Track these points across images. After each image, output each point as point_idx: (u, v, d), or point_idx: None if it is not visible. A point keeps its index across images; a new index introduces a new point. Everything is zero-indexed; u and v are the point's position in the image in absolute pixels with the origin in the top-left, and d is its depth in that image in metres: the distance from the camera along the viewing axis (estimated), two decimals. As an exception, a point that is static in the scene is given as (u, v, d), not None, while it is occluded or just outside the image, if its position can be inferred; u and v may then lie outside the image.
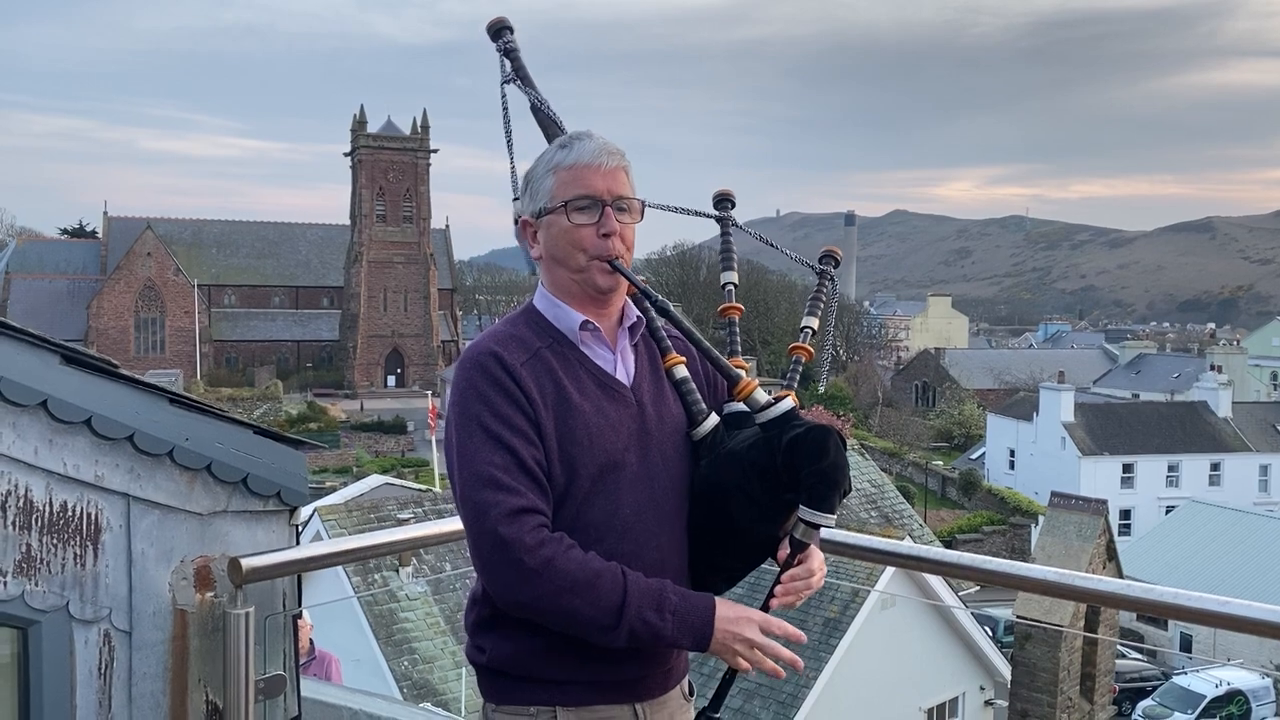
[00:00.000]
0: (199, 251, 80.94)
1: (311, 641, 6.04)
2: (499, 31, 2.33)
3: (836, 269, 2.32)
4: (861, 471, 22.52)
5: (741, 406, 2.02)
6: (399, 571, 14.93)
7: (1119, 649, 26.60)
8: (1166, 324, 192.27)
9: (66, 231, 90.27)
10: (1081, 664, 13.68)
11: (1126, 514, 44.84)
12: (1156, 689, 26.87)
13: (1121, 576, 13.54)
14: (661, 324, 2.11)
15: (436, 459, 29.72)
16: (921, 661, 15.98)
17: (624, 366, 2.00)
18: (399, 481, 24.53)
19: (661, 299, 2.01)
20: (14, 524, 2.11)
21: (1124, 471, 47.23)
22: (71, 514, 2.18)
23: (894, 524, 21.56)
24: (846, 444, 1.92)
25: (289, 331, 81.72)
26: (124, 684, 2.26)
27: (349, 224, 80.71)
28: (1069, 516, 14.03)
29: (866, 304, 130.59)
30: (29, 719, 2.15)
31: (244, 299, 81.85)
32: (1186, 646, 31.34)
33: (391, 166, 78.77)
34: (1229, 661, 27.33)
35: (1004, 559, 2.69)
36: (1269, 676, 26.27)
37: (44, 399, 2.11)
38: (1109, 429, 48.84)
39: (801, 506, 1.88)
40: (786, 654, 1.87)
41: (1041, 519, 21.38)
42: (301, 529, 2.60)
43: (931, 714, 16.36)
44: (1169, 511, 41.23)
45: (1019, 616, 13.46)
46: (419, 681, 13.85)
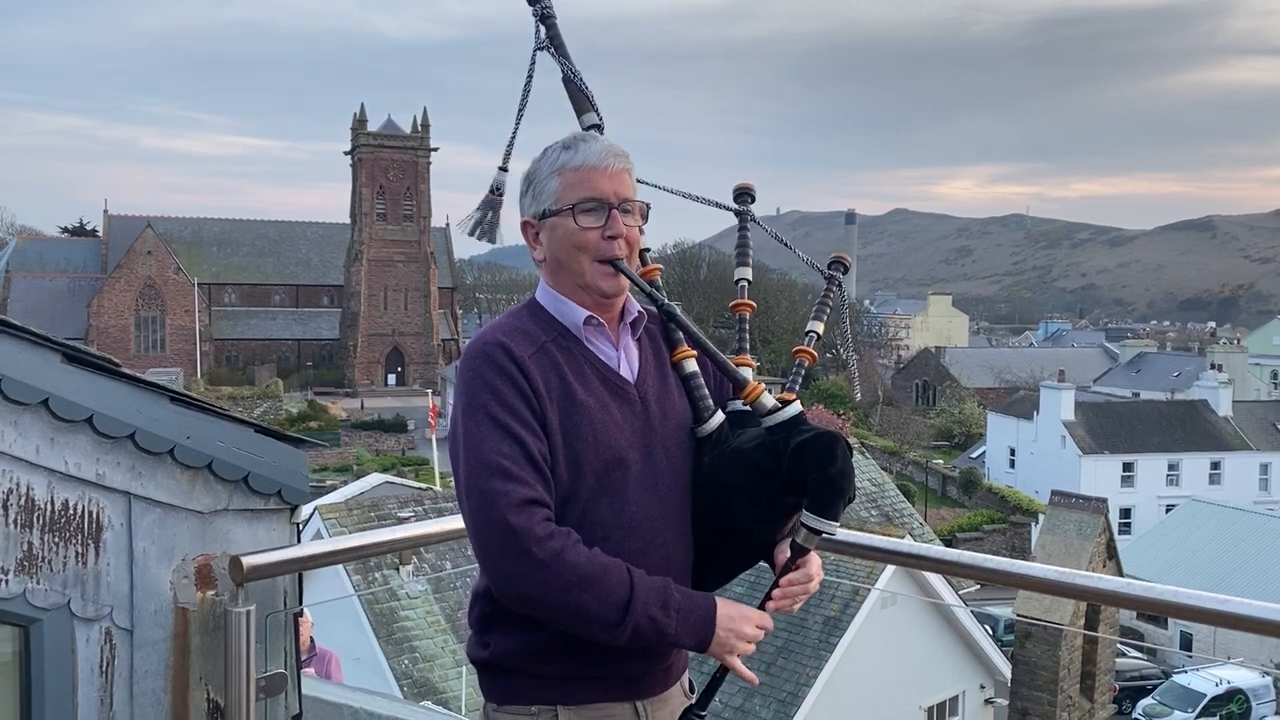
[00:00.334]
0: (199, 250, 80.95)
1: (312, 639, 6.05)
2: None
3: (845, 275, 2.29)
4: (862, 470, 22.51)
5: (744, 405, 2.00)
6: (399, 570, 14.94)
7: (1119, 647, 26.61)
8: (1167, 323, 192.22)
9: (67, 230, 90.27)
10: (1082, 662, 13.69)
11: (1127, 513, 44.83)
12: (1157, 687, 26.87)
13: (1121, 575, 13.55)
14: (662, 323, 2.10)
15: (437, 457, 29.70)
16: (922, 660, 15.98)
17: (628, 362, 1.99)
18: (399, 480, 24.51)
19: (667, 302, 1.98)
20: (15, 522, 2.11)
21: (1124, 470, 47.23)
22: (73, 512, 2.18)
23: (894, 522, 21.58)
24: (853, 451, 1.92)
25: (289, 330, 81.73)
26: (125, 682, 2.26)
27: (349, 222, 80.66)
28: (1069, 515, 14.04)
29: (867, 302, 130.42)
30: (31, 716, 2.16)
31: (244, 297, 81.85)
32: (1186, 645, 31.35)
33: (392, 165, 78.71)
34: (1229, 660, 27.32)
35: (1004, 557, 2.69)
36: (1269, 675, 26.26)
37: (45, 397, 2.11)
38: (1109, 428, 48.83)
39: (805, 512, 1.86)
40: (745, 674, 1.90)
41: (1042, 517, 21.38)
42: (302, 527, 2.60)
43: (932, 712, 16.36)
44: (1169, 510, 41.22)
45: (1019, 615, 13.47)
46: (419, 680, 13.86)
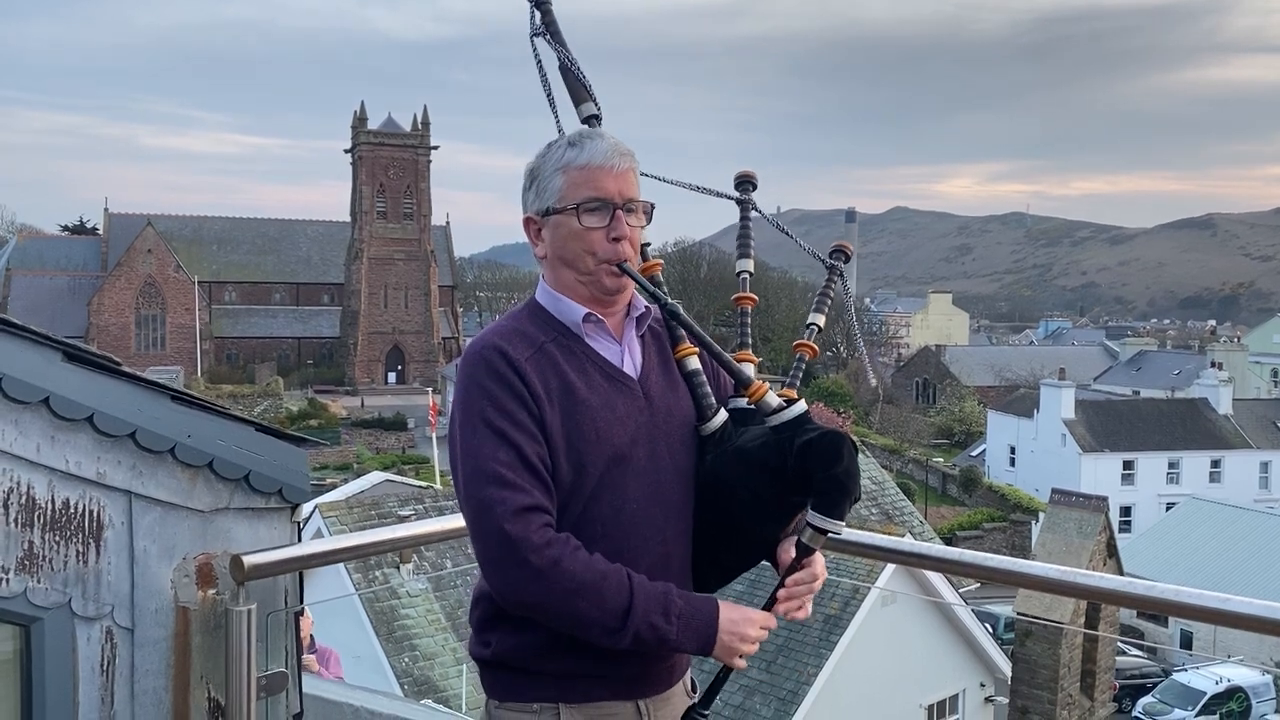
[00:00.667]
0: (199, 248, 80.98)
1: (312, 637, 6.06)
2: None
3: (847, 264, 2.27)
4: (862, 468, 22.29)
5: (746, 403, 1.99)
6: (400, 568, 14.96)
7: (1119, 646, 26.64)
8: (1167, 321, 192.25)
9: (67, 228, 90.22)
10: (1082, 661, 13.68)
11: (1127, 511, 44.85)
12: (1157, 686, 26.88)
13: (1122, 573, 13.55)
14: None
15: (437, 456, 29.72)
16: (922, 658, 15.99)
17: (631, 358, 1.97)
18: (400, 478, 24.48)
19: (671, 302, 1.97)
20: (16, 521, 2.11)
21: (1124, 468, 47.24)
22: (74, 511, 2.18)
23: (894, 521, 21.58)
24: (858, 450, 1.92)
25: (290, 328, 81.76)
26: (126, 681, 2.26)
27: (349, 220, 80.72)
28: (1069, 513, 14.02)
29: (867, 300, 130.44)
30: (31, 716, 2.16)
31: (244, 295, 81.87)
32: (1187, 643, 31.36)
33: (392, 163, 78.74)
34: (1229, 658, 27.32)
35: (1004, 556, 2.69)
36: (1269, 673, 26.27)
37: (46, 396, 2.11)
38: (1109, 426, 48.84)
39: (811, 511, 1.85)
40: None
41: (1042, 516, 21.38)
42: (303, 526, 2.60)
43: (932, 711, 16.36)
44: (1169, 508, 41.23)
45: (1019, 613, 13.47)
46: (420, 678, 13.87)
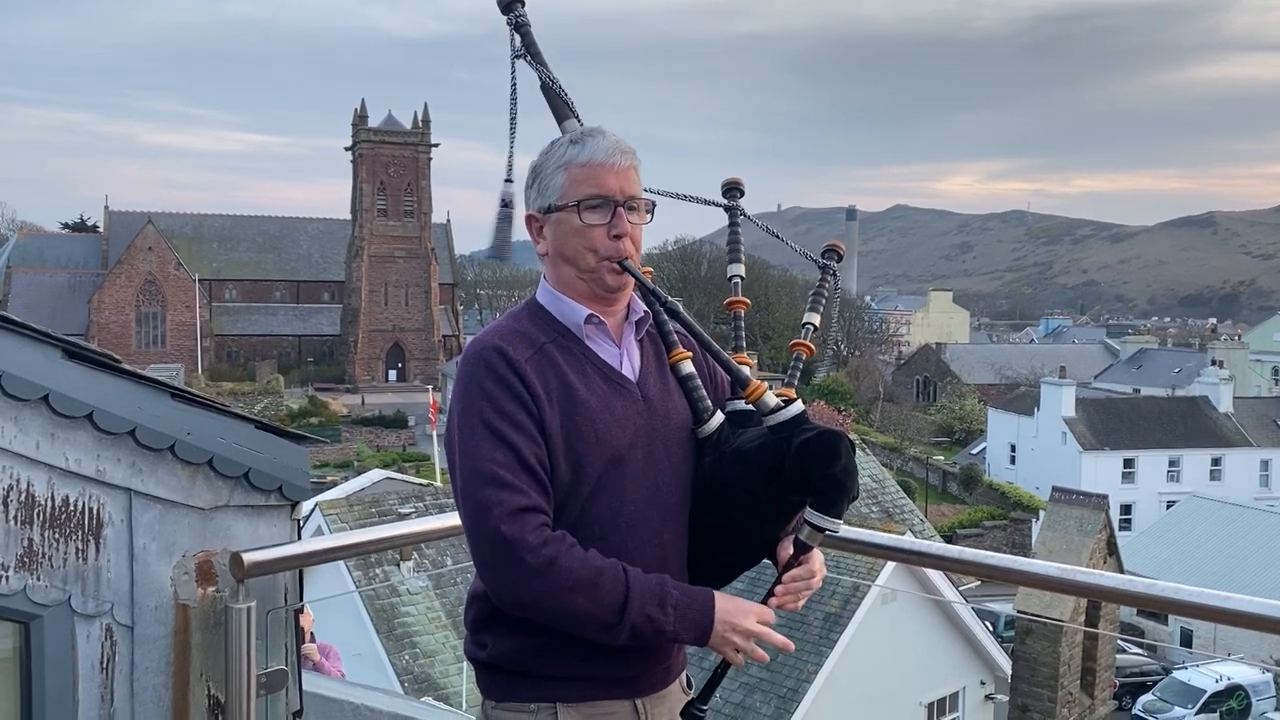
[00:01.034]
0: (200, 246, 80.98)
1: (312, 634, 6.07)
2: (510, 5, 2.21)
3: (839, 263, 2.29)
4: (863, 466, 22.51)
5: (744, 404, 2.00)
6: (400, 566, 14.96)
7: (1119, 644, 26.66)
8: (1168, 319, 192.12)
9: (67, 226, 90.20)
10: (1082, 659, 13.68)
11: (1127, 509, 44.86)
12: (1157, 684, 26.90)
13: (1122, 571, 13.57)
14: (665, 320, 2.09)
15: (437, 454, 29.71)
16: (922, 656, 15.99)
17: (630, 361, 1.98)
18: (400, 476, 24.44)
19: (670, 300, 1.98)
20: (16, 518, 2.11)
21: (1125, 466, 47.25)
22: (73, 508, 2.18)
23: (895, 519, 21.60)
24: (855, 449, 1.92)
25: (290, 326, 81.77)
26: (126, 678, 2.26)
27: (350, 218, 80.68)
28: (1070, 511, 14.02)
29: (868, 299, 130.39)
30: (31, 713, 2.16)
31: (245, 293, 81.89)
32: (1187, 641, 31.37)
33: (392, 161, 78.69)
34: (1229, 656, 27.33)
35: (1005, 554, 2.69)
36: (1269, 671, 26.29)
37: (46, 393, 2.11)
38: (1110, 424, 48.85)
39: (809, 510, 1.87)
40: (779, 639, 1.89)
41: (1042, 514, 21.38)
42: (303, 524, 2.60)
43: (932, 708, 16.37)
44: (1170, 507, 41.24)
45: (1019, 611, 13.47)
46: (420, 676, 13.88)
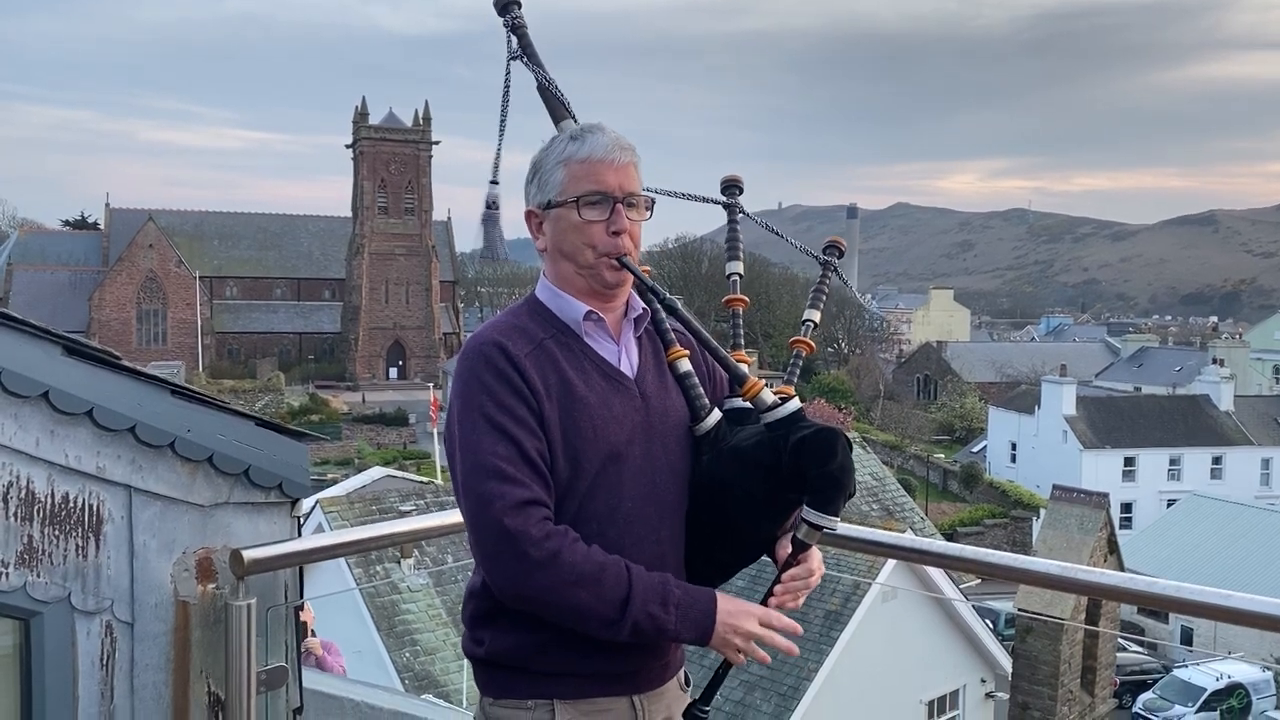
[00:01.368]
0: (201, 243, 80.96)
1: (313, 630, 6.07)
2: (506, 6, 2.24)
3: (840, 259, 2.29)
4: (863, 464, 22.50)
5: (743, 402, 2.00)
6: (401, 563, 14.96)
7: (1120, 642, 26.67)
8: (1169, 317, 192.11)
9: (68, 223, 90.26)
10: (1082, 657, 13.69)
11: (1128, 507, 44.85)
12: (1157, 682, 26.91)
13: (1123, 570, 13.56)
14: (665, 317, 2.08)
15: (438, 451, 29.70)
16: (922, 654, 15.98)
17: (628, 358, 1.98)
18: (400, 473, 24.46)
19: (669, 296, 1.99)
20: (16, 515, 2.11)
21: (1125, 465, 47.23)
22: (73, 505, 2.18)
23: (895, 517, 21.58)
24: (852, 446, 1.92)
25: (291, 323, 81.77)
26: (126, 675, 2.26)
27: (350, 216, 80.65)
28: (1070, 510, 14.03)
29: (869, 297, 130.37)
30: (31, 709, 2.16)
31: (246, 291, 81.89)
32: (1187, 640, 31.38)
33: (393, 158, 78.66)
34: (1230, 655, 27.32)
35: (1005, 552, 2.69)
36: (1270, 670, 26.28)
37: (46, 390, 2.11)
38: (1111, 422, 48.84)
39: (806, 508, 1.87)
40: (783, 643, 1.87)
41: (1043, 512, 21.39)
42: (303, 521, 2.60)
43: (932, 706, 16.37)
44: (1170, 505, 41.23)
45: (1020, 609, 13.48)
46: (420, 673, 13.88)
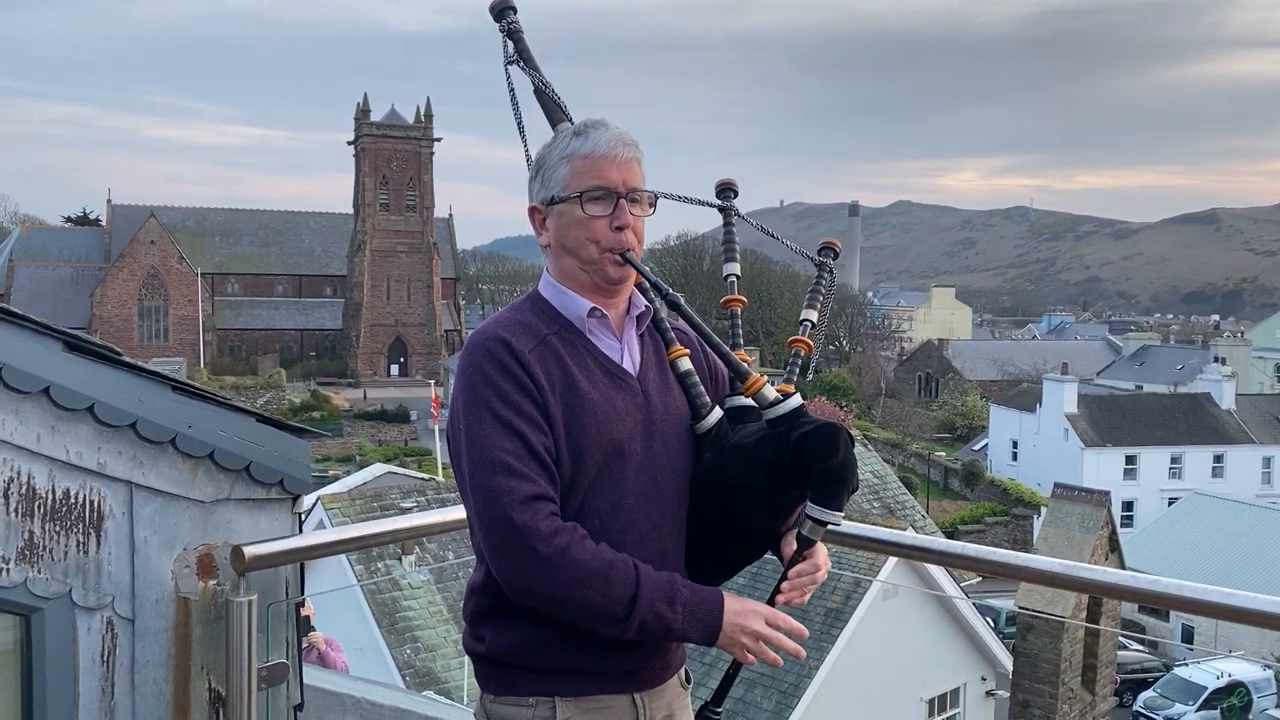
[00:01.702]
0: (202, 240, 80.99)
1: (313, 626, 6.08)
2: (502, 11, 2.27)
3: (836, 260, 2.31)
4: (864, 462, 22.50)
5: (744, 401, 2.00)
6: (402, 560, 14.97)
7: (1121, 640, 26.66)
8: (1170, 316, 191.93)
9: (70, 219, 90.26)
10: (1083, 655, 13.68)
11: (1129, 506, 44.84)
12: (1158, 680, 26.92)
13: (1124, 568, 13.55)
14: (666, 315, 2.09)
15: (439, 448, 29.75)
16: (923, 652, 15.99)
17: (630, 356, 1.99)
18: (402, 470, 24.48)
19: (672, 292, 1.99)
20: (16, 511, 2.11)
21: (1127, 463, 47.22)
22: (74, 501, 2.18)
23: (896, 515, 21.58)
24: (854, 441, 1.92)
25: (292, 320, 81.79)
26: (126, 671, 2.26)
27: (352, 213, 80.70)
28: (1072, 508, 14.01)
29: (870, 294, 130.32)
30: (32, 705, 2.16)
31: (247, 287, 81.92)
32: (1188, 638, 31.39)
33: (395, 155, 78.68)
34: (1230, 653, 27.32)
35: (1006, 550, 2.69)
36: (1270, 668, 26.28)
37: (46, 386, 2.10)
38: (1112, 420, 48.83)
39: (810, 504, 1.87)
40: (790, 645, 1.87)
41: (1044, 510, 21.38)
42: (304, 517, 2.60)
43: (933, 704, 16.37)
44: (1172, 503, 41.22)
45: (1021, 607, 13.48)
46: (421, 670, 13.88)
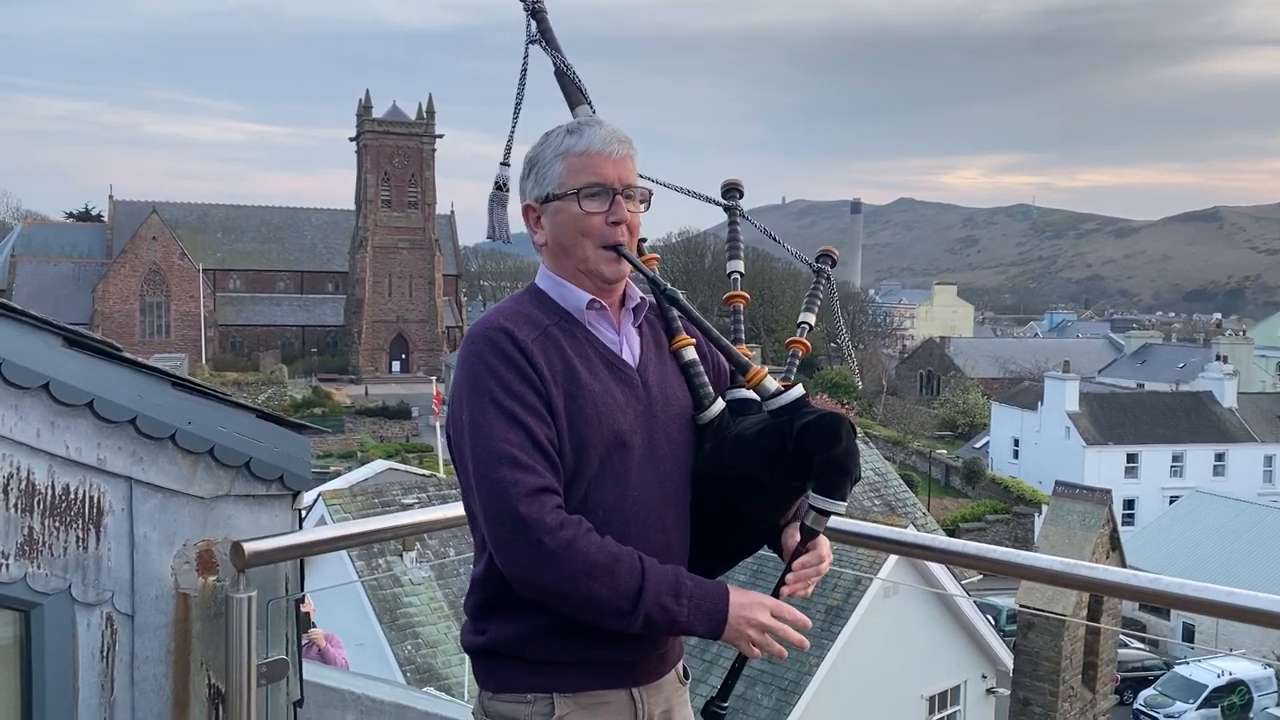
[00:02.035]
0: (204, 236, 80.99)
1: (314, 623, 6.08)
2: None
3: (833, 268, 2.32)
4: (865, 460, 22.49)
5: (745, 393, 2.01)
6: (403, 556, 14.98)
7: (1121, 638, 26.65)
8: (1172, 314, 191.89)
9: (72, 215, 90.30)
10: (1084, 653, 13.68)
11: (1130, 504, 44.83)
12: (1158, 678, 26.93)
13: (1125, 566, 13.55)
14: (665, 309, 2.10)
15: (440, 445, 29.76)
16: (924, 649, 15.99)
17: (629, 347, 1.99)
18: (403, 466, 24.50)
19: (670, 287, 2.00)
20: (16, 506, 2.11)
21: (1128, 461, 47.20)
22: (74, 497, 2.18)
23: (897, 512, 21.58)
24: (857, 432, 1.93)
25: (294, 316, 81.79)
26: (126, 667, 2.26)
27: (354, 209, 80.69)
28: (1073, 506, 14.01)
29: (872, 292, 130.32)
30: (32, 701, 2.16)
31: (249, 283, 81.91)
32: (1188, 636, 31.39)
33: (397, 152, 78.65)
34: (1231, 651, 27.32)
35: (1007, 548, 2.69)
36: (1271, 666, 26.28)
37: (46, 381, 2.10)
38: (1113, 419, 48.80)
39: (813, 494, 1.87)
40: (796, 637, 1.88)
41: (1045, 508, 21.36)
42: (305, 513, 2.59)
43: (933, 702, 16.38)
44: (1173, 502, 41.20)
45: (1021, 605, 13.48)
46: (422, 666, 13.90)
